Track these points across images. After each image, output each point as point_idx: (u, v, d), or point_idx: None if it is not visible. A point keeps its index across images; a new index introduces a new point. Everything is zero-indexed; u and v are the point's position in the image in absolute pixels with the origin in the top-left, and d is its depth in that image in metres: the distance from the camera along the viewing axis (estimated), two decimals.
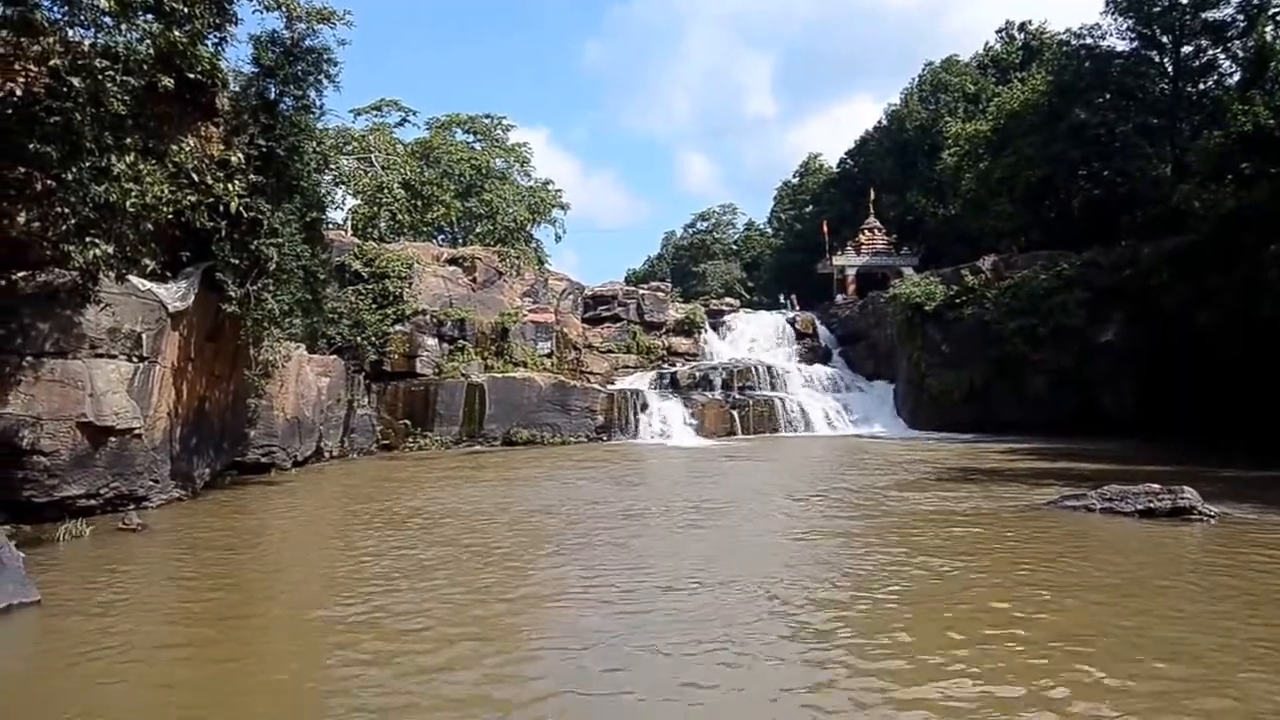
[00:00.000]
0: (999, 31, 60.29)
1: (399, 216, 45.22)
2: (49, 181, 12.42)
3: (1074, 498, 14.91)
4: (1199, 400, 27.09)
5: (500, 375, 33.24)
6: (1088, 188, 39.79)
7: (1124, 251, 32.59)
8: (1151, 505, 13.67)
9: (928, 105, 60.46)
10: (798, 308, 50.90)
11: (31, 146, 12.12)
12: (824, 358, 43.59)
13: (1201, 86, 39.79)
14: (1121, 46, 40.72)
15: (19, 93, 11.71)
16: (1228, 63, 38.88)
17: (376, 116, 51.78)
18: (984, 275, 35.46)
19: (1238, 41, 37.50)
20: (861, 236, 54.56)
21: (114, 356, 14.77)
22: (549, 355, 36.47)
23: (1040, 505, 15.13)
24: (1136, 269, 30.64)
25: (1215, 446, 23.80)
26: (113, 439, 14.81)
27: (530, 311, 37.04)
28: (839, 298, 51.69)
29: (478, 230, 51.89)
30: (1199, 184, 27.04)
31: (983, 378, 34.16)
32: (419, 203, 47.84)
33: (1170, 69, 39.87)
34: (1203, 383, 26.88)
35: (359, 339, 30.21)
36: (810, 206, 73.97)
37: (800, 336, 44.43)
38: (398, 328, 32.05)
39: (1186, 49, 39.21)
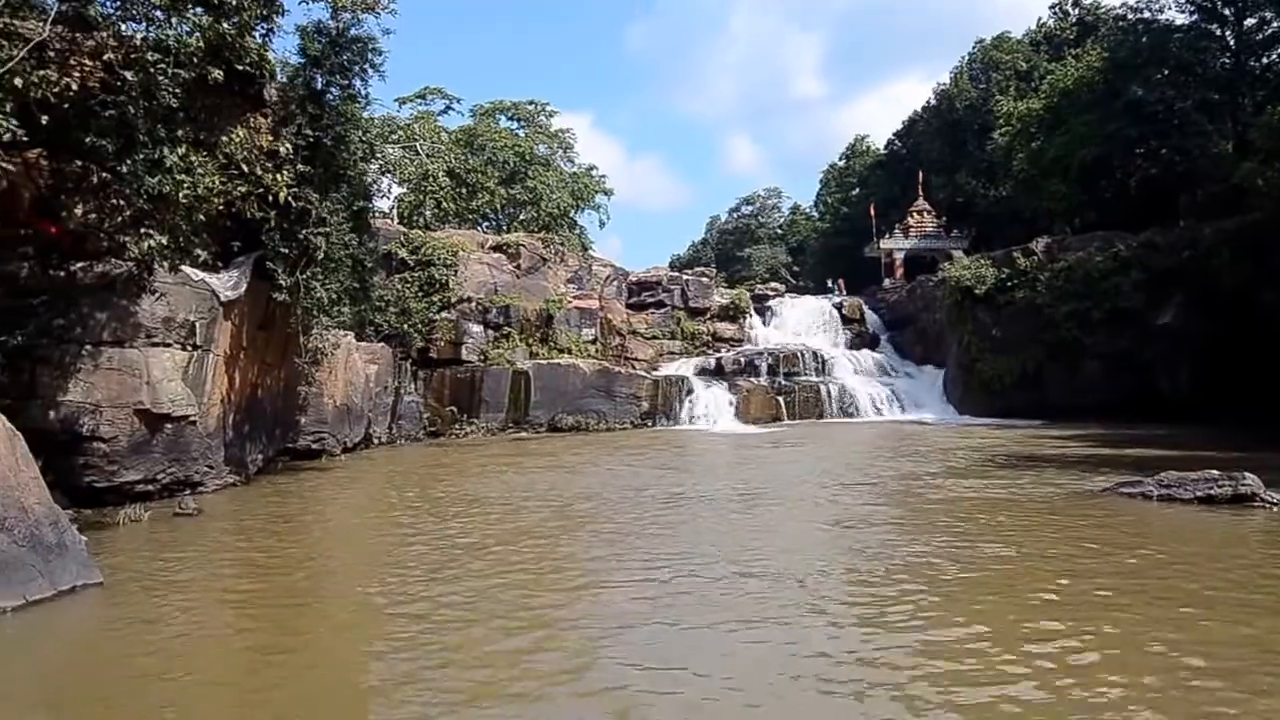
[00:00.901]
0: (1052, 7, 58.93)
1: (444, 204, 45.59)
2: (105, 174, 12.76)
3: (1130, 484, 14.49)
4: (1261, 384, 26.52)
5: (545, 362, 33.49)
6: (1145, 166, 39.00)
7: (1183, 232, 31.95)
8: (1211, 492, 13.25)
9: (978, 84, 59.44)
10: (845, 292, 50.51)
11: (88, 140, 12.45)
12: (871, 343, 43.23)
13: (1265, 60, 38.71)
14: (1180, 20, 39.86)
15: (75, 88, 11.99)
16: None
17: (421, 104, 52.25)
18: (1036, 257, 34.87)
19: None
20: (910, 219, 53.96)
21: (169, 345, 15.18)
22: (593, 341, 36.64)
23: (1096, 492, 14.78)
24: (1196, 249, 30.01)
25: (1277, 430, 23.21)
26: (169, 425, 15.22)
27: (574, 298, 37.21)
28: (886, 282, 51.25)
29: (522, 217, 52.13)
30: (1262, 161, 26.46)
31: (1035, 362, 33.69)
32: (464, 190, 48.24)
33: (1232, 42, 38.81)
34: (1265, 366, 26.35)
35: (406, 326, 30.61)
36: (857, 189, 73.27)
37: (847, 321, 44.08)
38: (444, 315, 32.44)
39: (1249, 21, 38.12)
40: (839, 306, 44.95)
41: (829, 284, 55.48)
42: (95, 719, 6.41)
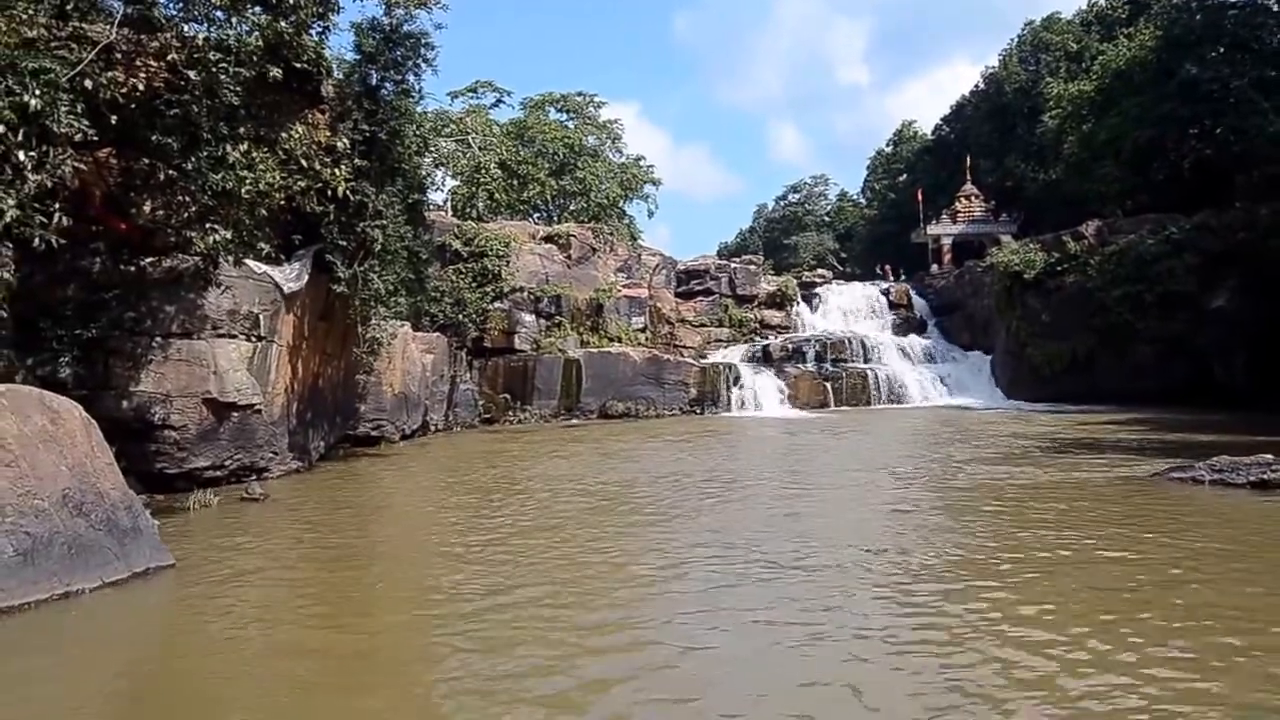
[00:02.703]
0: None
1: (496, 196, 45.92)
2: (171, 171, 12.96)
3: (1182, 469, 14.26)
4: None
5: (595, 350, 33.64)
6: (1199, 147, 37.95)
7: (1238, 213, 31.10)
8: (1265, 477, 12.92)
9: (1027, 66, 58.25)
10: (892, 278, 49.92)
11: (154, 139, 12.66)
12: (919, 328, 42.75)
13: None
14: None
15: (141, 88, 12.20)
16: None
17: (472, 98, 52.56)
18: (1087, 241, 34.26)
19: None
20: (958, 204, 53.21)
21: (234, 336, 15.48)
22: (642, 330, 36.71)
23: (1147, 477, 14.54)
24: (1252, 232, 29.26)
25: None
26: (235, 414, 15.54)
27: (624, 287, 37.30)
28: (934, 268, 50.59)
29: (572, 208, 52.35)
30: None
31: (1085, 347, 33.11)
32: (515, 182, 48.52)
33: None
34: None
35: (460, 316, 30.90)
36: (904, 175, 72.27)
37: (894, 307, 43.65)
38: (497, 305, 32.73)
39: None
40: (886, 293, 44.53)
41: (876, 270, 54.87)
42: (168, 691, 6.56)
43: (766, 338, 39.46)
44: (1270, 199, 29.92)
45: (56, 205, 10.86)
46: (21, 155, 10.28)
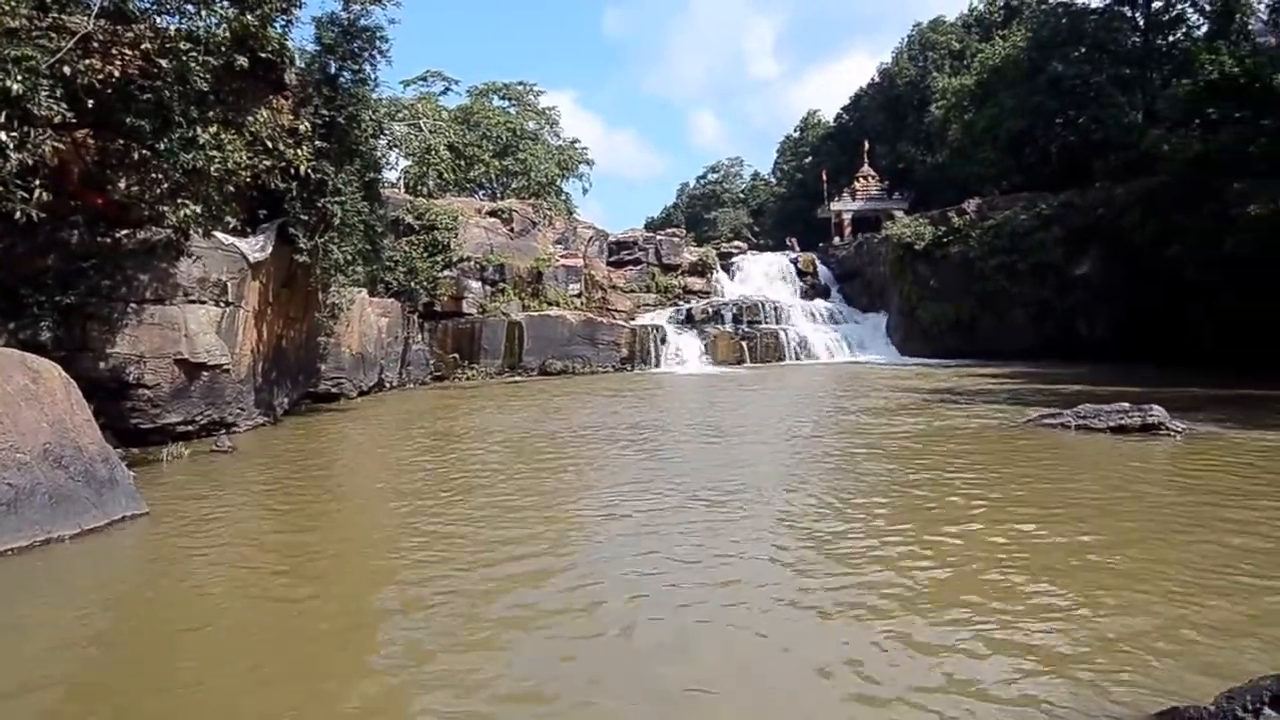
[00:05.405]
0: None
1: (445, 175, 45.31)
2: (144, 151, 12.71)
3: (1051, 416, 14.67)
4: (1166, 327, 26.98)
5: (536, 314, 33.64)
6: (1064, 135, 38.96)
7: (1098, 193, 32.02)
8: (1123, 422, 13.47)
9: (917, 63, 59.11)
10: (799, 249, 50.59)
11: (129, 121, 12.41)
12: (823, 293, 43.52)
13: (1170, 38, 38.57)
14: (1095, 3, 39.50)
15: (117, 74, 11.95)
16: (1195, 15, 37.70)
17: (423, 86, 51.68)
18: (969, 216, 35.06)
19: None
20: (857, 184, 54.08)
21: (204, 302, 15.24)
22: (578, 295, 36.72)
23: (1021, 423, 14.95)
24: (1110, 208, 30.18)
25: (1181, 368, 23.74)
26: (205, 373, 15.33)
27: (561, 257, 37.20)
28: (836, 239, 51.29)
29: (514, 186, 51.89)
30: (1168, 129, 26.45)
31: (968, 310, 34.09)
32: (462, 162, 48.03)
33: (1141, 23, 38.71)
34: (1170, 311, 26.74)
35: (413, 284, 30.56)
36: (810, 158, 73.00)
37: (802, 275, 44.23)
38: (446, 273, 32.43)
39: (1157, 4, 37.99)
40: (795, 262, 45.04)
41: (786, 242, 55.50)
42: (144, 621, 6.60)
43: (689, 302, 39.80)
44: (1125, 180, 30.81)
45: (37, 182, 10.66)
46: (4, 135, 10.07)
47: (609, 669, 5.34)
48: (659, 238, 42.84)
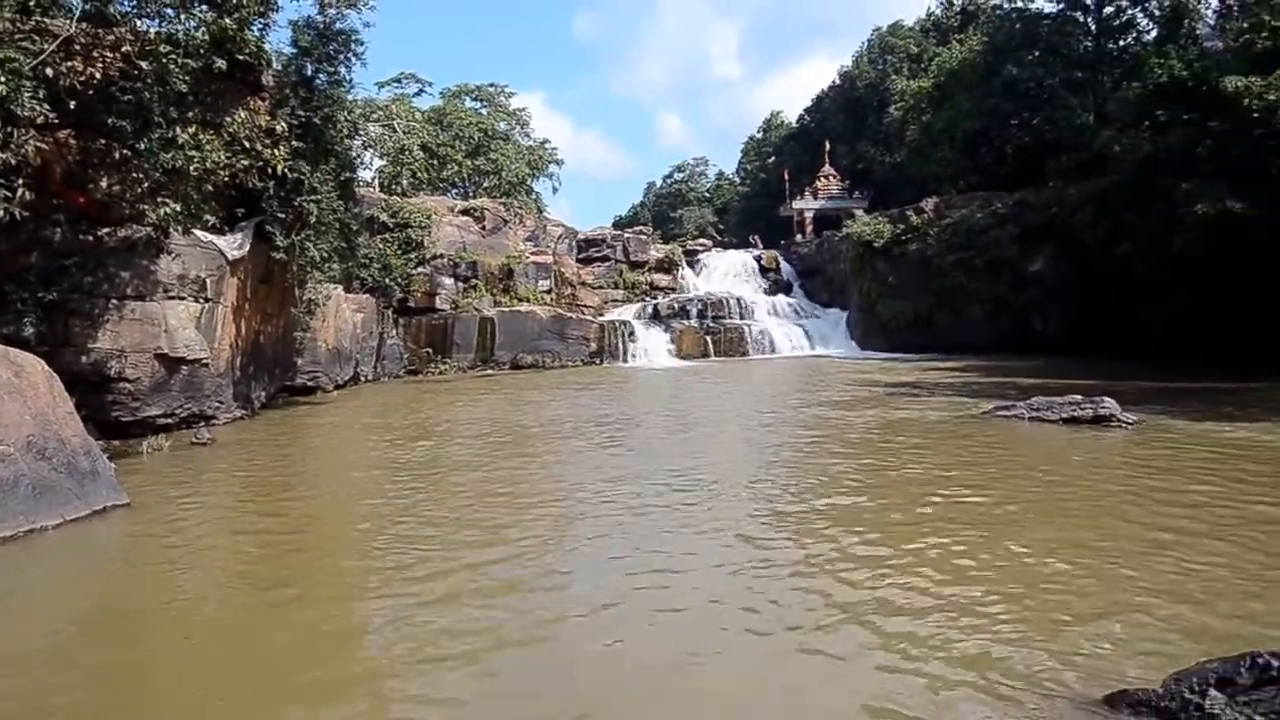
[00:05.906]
0: None
1: (418, 174, 45.36)
2: (125, 151, 12.78)
3: (1006, 408, 14.74)
4: (1117, 322, 27.47)
5: (507, 309, 33.81)
6: (1019, 136, 39.51)
7: (1051, 192, 32.44)
8: (1075, 414, 13.58)
9: (876, 66, 59.70)
10: (762, 247, 51.03)
11: (110, 122, 12.47)
12: (786, 289, 43.91)
13: (1121, 43, 39.17)
14: (1049, 9, 40.19)
15: (98, 76, 12.01)
16: (1145, 21, 38.43)
17: (397, 88, 51.49)
18: (926, 215, 35.42)
19: (1154, 1, 37.27)
20: (818, 183, 54.52)
21: (184, 298, 15.29)
22: (548, 291, 36.90)
23: (977, 415, 15.05)
24: (1063, 207, 30.51)
25: (1132, 363, 24.17)
26: (184, 368, 15.38)
27: (532, 254, 37.36)
28: (798, 237, 51.65)
29: (485, 185, 51.96)
30: (1118, 131, 26.73)
31: (926, 305, 34.43)
32: (435, 162, 48.14)
33: (1093, 27, 39.36)
34: (1121, 307, 27.21)
35: (387, 280, 30.63)
36: (773, 157, 73.37)
37: (765, 271, 44.60)
38: (420, 270, 32.55)
39: (1108, 9, 38.65)
40: (758, 259, 45.38)
41: (749, 240, 55.88)
42: (123, 608, 6.68)
43: (656, 298, 40.08)
44: (1077, 180, 31.23)
45: (20, 181, 10.77)
46: None
47: (597, 682, 5.14)
48: (627, 235, 43.06)
